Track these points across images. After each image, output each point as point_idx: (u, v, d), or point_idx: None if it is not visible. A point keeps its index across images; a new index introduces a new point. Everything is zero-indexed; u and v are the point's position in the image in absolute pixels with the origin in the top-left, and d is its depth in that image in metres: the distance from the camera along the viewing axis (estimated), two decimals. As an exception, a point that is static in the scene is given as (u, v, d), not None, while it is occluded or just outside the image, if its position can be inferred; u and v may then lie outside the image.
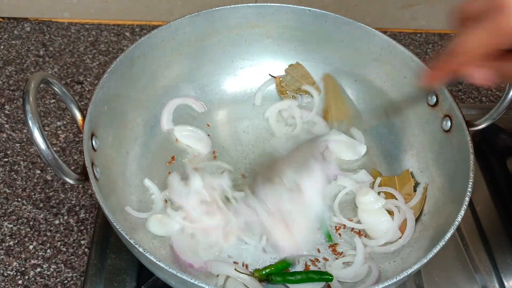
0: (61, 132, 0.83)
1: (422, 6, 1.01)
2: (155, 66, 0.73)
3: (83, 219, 0.73)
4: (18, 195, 0.75)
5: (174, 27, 0.72)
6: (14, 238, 0.70)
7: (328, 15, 0.75)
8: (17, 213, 0.73)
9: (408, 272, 0.51)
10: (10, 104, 0.86)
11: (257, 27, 0.77)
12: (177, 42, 0.73)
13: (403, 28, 1.06)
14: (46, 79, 0.56)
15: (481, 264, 0.69)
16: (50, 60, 0.94)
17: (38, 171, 0.77)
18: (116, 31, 1.00)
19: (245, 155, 0.75)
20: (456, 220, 0.55)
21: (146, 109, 0.73)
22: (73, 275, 0.68)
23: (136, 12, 1.01)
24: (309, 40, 0.78)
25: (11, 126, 0.83)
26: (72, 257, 0.69)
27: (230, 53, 0.79)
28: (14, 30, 0.98)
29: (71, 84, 0.90)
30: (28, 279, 0.67)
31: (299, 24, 0.76)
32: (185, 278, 0.49)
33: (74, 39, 0.98)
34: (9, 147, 0.80)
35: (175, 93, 0.77)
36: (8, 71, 0.91)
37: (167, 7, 0.98)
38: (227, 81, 0.81)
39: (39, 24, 1.00)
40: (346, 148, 0.75)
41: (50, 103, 0.86)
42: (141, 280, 0.64)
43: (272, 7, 0.75)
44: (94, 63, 0.94)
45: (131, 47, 0.67)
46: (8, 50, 0.95)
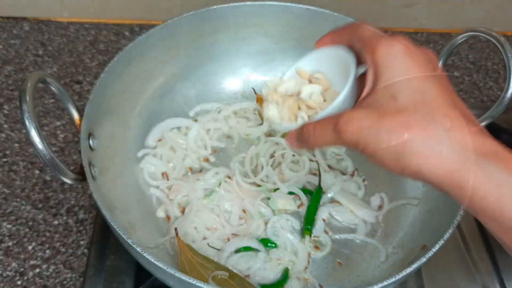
0: (60, 132, 0.83)
1: (423, 5, 1.01)
2: (153, 65, 0.72)
3: (82, 219, 0.73)
4: (17, 195, 0.75)
5: (172, 26, 0.71)
6: (13, 239, 0.70)
7: (328, 14, 0.74)
8: (16, 214, 0.73)
9: (407, 271, 0.51)
10: (9, 104, 0.86)
11: (256, 26, 0.77)
12: (175, 41, 0.73)
13: (404, 27, 1.05)
14: (43, 78, 0.56)
15: (482, 264, 0.69)
16: (49, 59, 0.93)
17: (37, 171, 0.77)
18: (115, 30, 1.00)
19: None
20: (456, 219, 0.55)
21: (144, 108, 0.73)
22: (72, 275, 0.67)
23: (135, 11, 1.00)
24: (308, 39, 0.77)
25: (10, 126, 0.83)
26: (71, 257, 0.69)
27: (228, 52, 0.79)
28: (13, 30, 0.98)
29: (70, 83, 0.90)
30: (27, 280, 0.67)
31: (298, 23, 0.76)
32: (183, 278, 0.48)
33: (73, 39, 0.98)
34: (8, 147, 0.80)
35: (175, 93, 0.76)
36: (7, 71, 0.91)
37: (167, 6, 0.98)
38: (225, 80, 0.80)
39: (38, 24, 1.00)
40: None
41: (49, 103, 0.86)
42: (139, 280, 0.64)
43: (271, 5, 0.75)
44: (93, 62, 0.93)
45: (128, 46, 0.67)
46: (7, 50, 0.94)
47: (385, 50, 0.42)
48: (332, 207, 0.69)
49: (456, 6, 1.02)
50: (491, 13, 1.02)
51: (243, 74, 0.81)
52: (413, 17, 1.03)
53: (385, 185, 0.72)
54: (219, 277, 0.59)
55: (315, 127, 0.45)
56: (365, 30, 0.45)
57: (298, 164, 0.72)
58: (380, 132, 0.40)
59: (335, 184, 0.70)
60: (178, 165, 0.71)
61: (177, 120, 0.75)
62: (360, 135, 0.41)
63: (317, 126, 0.45)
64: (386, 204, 0.70)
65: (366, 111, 0.41)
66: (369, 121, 0.40)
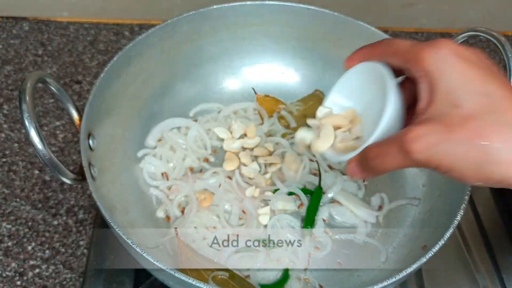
0: (59, 132, 0.82)
1: (424, 5, 1.01)
2: (152, 65, 0.72)
3: (82, 219, 0.73)
4: (17, 195, 0.75)
5: (172, 26, 0.71)
6: (13, 239, 0.70)
7: (328, 13, 0.74)
8: (15, 214, 0.73)
9: (407, 271, 0.51)
10: (9, 104, 0.86)
11: (256, 25, 0.77)
12: (174, 41, 0.73)
13: (404, 27, 1.05)
14: (43, 78, 0.56)
15: (482, 264, 0.69)
16: (49, 59, 0.93)
17: (37, 171, 0.77)
18: (115, 30, 1.00)
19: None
20: (456, 219, 0.55)
21: (144, 108, 0.73)
22: (72, 276, 0.67)
23: (135, 11, 1.00)
24: (307, 38, 0.78)
25: (10, 126, 0.83)
26: (71, 257, 0.69)
27: (228, 52, 0.79)
28: (13, 30, 0.98)
29: (70, 83, 0.90)
30: (26, 280, 0.67)
31: (298, 23, 0.76)
32: (183, 278, 0.48)
33: (73, 39, 0.98)
34: (7, 147, 0.80)
35: (175, 93, 0.76)
36: (7, 71, 0.91)
37: (167, 6, 0.98)
38: (225, 80, 0.80)
39: (37, 24, 1.00)
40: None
41: (49, 103, 0.86)
42: (139, 280, 0.64)
43: (271, 5, 0.75)
44: (93, 62, 0.93)
45: (128, 46, 0.67)
46: (6, 50, 0.94)
47: (434, 57, 0.40)
48: (332, 207, 0.69)
49: (456, 6, 1.02)
50: (491, 13, 1.02)
51: (243, 74, 0.81)
52: (413, 17, 1.03)
53: (385, 185, 0.72)
54: (219, 277, 0.59)
55: (378, 151, 0.42)
56: (400, 44, 0.43)
57: (298, 164, 0.72)
58: (453, 145, 0.37)
59: (335, 184, 0.70)
60: (178, 165, 0.71)
61: (177, 120, 0.75)
62: (431, 153, 0.38)
63: (379, 150, 0.42)
64: (386, 204, 0.70)
65: (430, 126, 0.38)
66: (437, 135, 0.38)
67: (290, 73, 0.81)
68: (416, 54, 0.41)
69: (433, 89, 0.40)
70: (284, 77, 0.81)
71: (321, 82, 0.80)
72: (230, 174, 0.70)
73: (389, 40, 0.45)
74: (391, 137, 0.41)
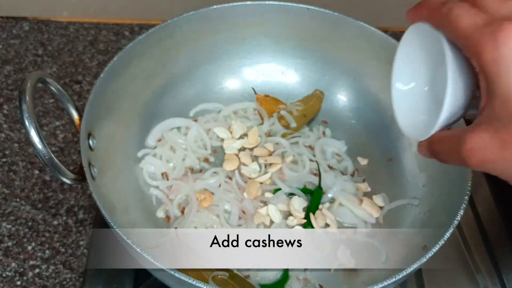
0: (59, 132, 0.82)
1: (423, 4, 1.01)
2: (152, 65, 0.72)
3: (82, 219, 0.73)
4: (17, 195, 0.75)
5: (172, 26, 0.71)
6: (13, 239, 0.70)
7: (328, 13, 0.74)
8: (15, 214, 0.73)
9: (407, 271, 0.51)
10: (9, 104, 0.86)
11: (256, 25, 0.76)
12: (174, 41, 0.73)
13: (404, 27, 1.05)
14: (43, 78, 0.56)
15: (482, 264, 0.69)
16: (49, 59, 0.93)
17: (37, 171, 0.77)
18: (115, 30, 1.00)
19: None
20: (456, 219, 0.55)
21: (144, 108, 0.73)
22: (72, 276, 0.67)
23: (135, 11, 1.00)
24: (308, 38, 0.78)
25: (10, 126, 0.83)
26: (71, 258, 0.69)
27: (228, 52, 0.79)
28: (13, 30, 0.98)
29: (70, 83, 0.90)
30: (26, 280, 0.67)
31: (298, 23, 0.76)
32: (183, 278, 0.48)
33: (73, 39, 0.98)
34: (7, 147, 0.80)
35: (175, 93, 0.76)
36: (7, 71, 0.91)
37: (167, 6, 0.98)
38: (225, 80, 0.80)
39: (37, 23, 1.00)
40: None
41: (49, 103, 0.86)
42: (139, 280, 0.64)
43: (271, 5, 0.75)
44: (93, 62, 0.93)
45: (127, 46, 0.67)
46: (6, 50, 0.94)
47: (492, 55, 0.35)
48: (332, 207, 0.69)
49: (456, 6, 1.02)
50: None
51: (243, 74, 0.81)
52: (413, 17, 1.03)
53: (385, 185, 0.72)
54: (219, 277, 0.59)
55: (441, 148, 0.42)
56: (463, 22, 0.37)
57: (298, 164, 0.72)
58: (510, 164, 0.36)
59: (335, 184, 0.70)
60: (178, 165, 0.71)
61: (177, 120, 0.75)
62: (487, 168, 0.37)
63: (442, 147, 0.41)
64: (386, 204, 0.70)
65: (487, 136, 0.36)
66: (493, 151, 0.36)
67: (290, 73, 0.81)
68: (475, 43, 0.36)
69: (490, 91, 0.36)
70: (284, 77, 0.82)
71: (321, 82, 0.80)
72: (230, 174, 0.71)
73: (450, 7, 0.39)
74: (453, 135, 0.40)
